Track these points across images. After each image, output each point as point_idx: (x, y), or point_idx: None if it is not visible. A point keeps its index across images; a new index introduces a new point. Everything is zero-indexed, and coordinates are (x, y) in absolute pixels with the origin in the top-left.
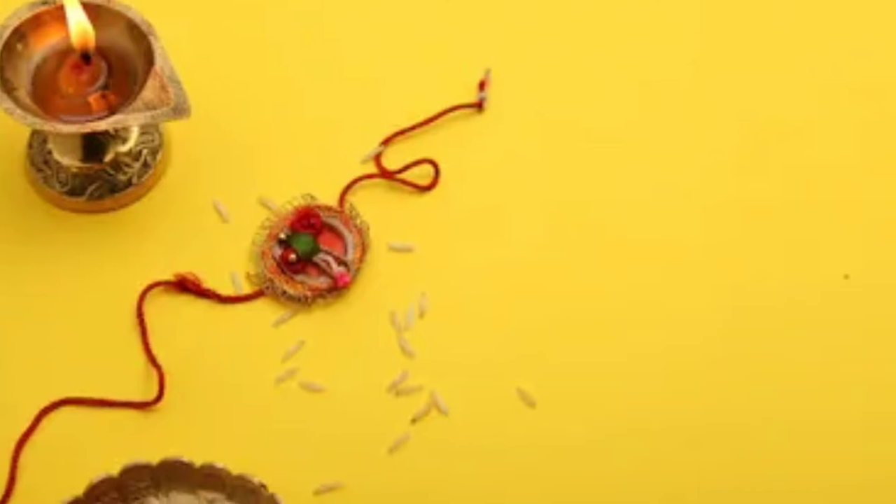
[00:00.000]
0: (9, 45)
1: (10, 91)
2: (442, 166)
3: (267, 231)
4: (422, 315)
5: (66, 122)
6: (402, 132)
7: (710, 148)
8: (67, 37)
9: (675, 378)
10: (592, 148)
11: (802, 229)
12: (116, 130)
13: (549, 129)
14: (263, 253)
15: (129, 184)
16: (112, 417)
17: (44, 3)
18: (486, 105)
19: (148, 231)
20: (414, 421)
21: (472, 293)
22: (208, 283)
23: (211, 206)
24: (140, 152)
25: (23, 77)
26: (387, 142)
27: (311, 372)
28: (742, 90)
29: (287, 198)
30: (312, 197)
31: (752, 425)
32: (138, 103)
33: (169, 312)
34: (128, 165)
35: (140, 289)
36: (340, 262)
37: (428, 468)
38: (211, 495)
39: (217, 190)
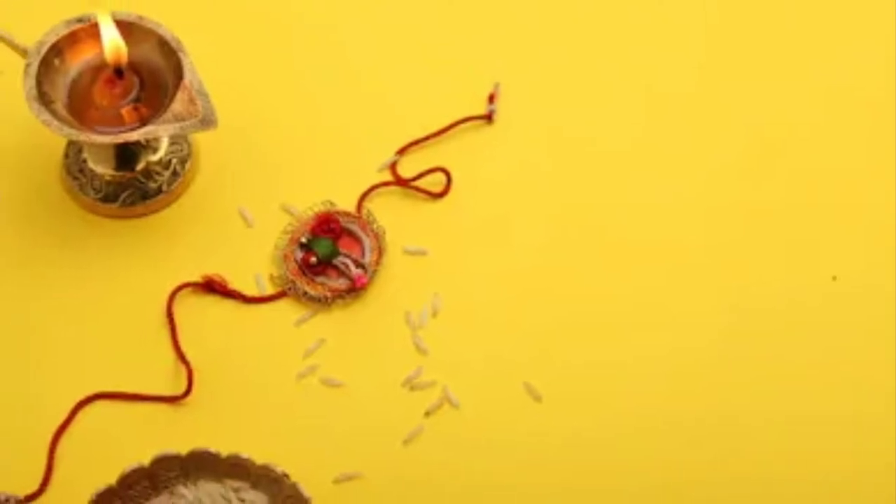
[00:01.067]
0: (46, 60)
1: (47, 104)
2: (454, 174)
3: (289, 235)
4: (435, 315)
5: (101, 133)
6: (416, 142)
7: (715, 158)
8: (102, 53)
9: (676, 375)
10: (597, 157)
11: (803, 233)
12: (147, 141)
13: (556, 139)
14: (286, 256)
15: (159, 191)
16: (143, 411)
17: (79, 21)
18: (495, 117)
19: (177, 236)
20: (427, 414)
21: (482, 294)
22: (234, 284)
23: (236, 212)
24: (170, 161)
25: (59, 90)
26: (402, 151)
27: (331, 368)
28: (745, 103)
29: (308, 204)
30: (332, 203)
31: (751, 421)
32: (168, 115)
33: (197, 312)
34: (158, 174)
35: (170, 290)
36: (358, 265)
37: (440, 458)
38: (236, 484)
39: (242, 197)
